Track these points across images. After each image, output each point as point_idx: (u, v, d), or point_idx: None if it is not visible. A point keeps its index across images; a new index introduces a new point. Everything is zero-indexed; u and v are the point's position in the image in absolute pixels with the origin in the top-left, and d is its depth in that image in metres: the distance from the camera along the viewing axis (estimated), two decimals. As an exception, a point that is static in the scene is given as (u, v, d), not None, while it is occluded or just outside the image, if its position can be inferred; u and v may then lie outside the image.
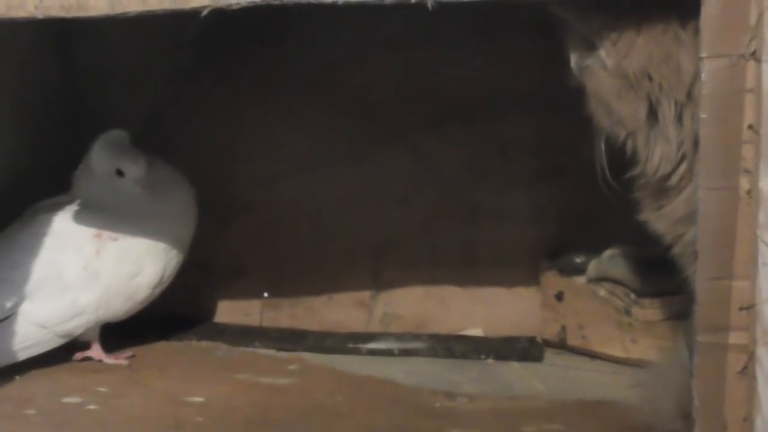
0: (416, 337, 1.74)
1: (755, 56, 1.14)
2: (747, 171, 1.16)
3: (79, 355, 1.65)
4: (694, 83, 1.22)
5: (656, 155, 1.27)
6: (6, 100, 1.72)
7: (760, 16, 1.13)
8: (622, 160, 1.33)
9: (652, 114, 1.26)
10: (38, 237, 1.61)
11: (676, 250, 1.29)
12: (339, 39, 1.78)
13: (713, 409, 1.20)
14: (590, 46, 1.27)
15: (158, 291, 1.66)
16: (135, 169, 1.62)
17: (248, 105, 1.81)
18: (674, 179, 1.27)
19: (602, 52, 1.26)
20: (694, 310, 1.21)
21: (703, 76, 1.15)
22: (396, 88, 1.78)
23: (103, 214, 1.63)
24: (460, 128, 1.77)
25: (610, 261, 1.65)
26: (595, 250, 1.67)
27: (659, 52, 1.23)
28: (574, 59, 1.31)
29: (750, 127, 1.15)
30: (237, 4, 1.19)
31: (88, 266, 1.61)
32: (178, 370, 1.64)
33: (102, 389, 1.56)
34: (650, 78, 1.24)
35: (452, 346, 1.71)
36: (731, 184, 1.16)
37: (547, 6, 1.26)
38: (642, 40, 1.24)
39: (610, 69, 1.26)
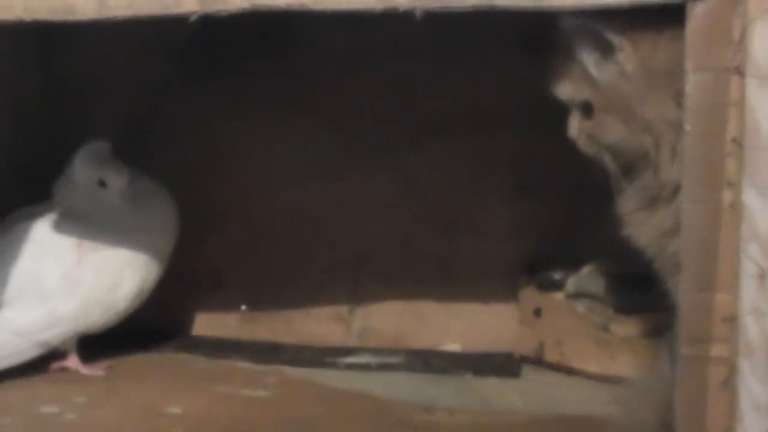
0: (394, 351, 1.74)
1: (739, 70, 1.15)
2: (730, 184, 1.17)
3: (56, 366, 1.64)
4: None
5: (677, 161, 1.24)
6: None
7: (744, 30, 1.14)
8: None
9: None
10: (18, 245, 1.59)
11: (658, 263, 1.30)
12: (320, 54, 1.78)
13: (695, 421, 1.20)
14: (606, 54, 1.25)
15: (137, 303, 1.65)
16: (118, 180, 1.61)
17: (228, 118, 1.80)
18: (668, 190, 1.26)
19: (622, 56, 1.24)
20: (677, 322, 1.22)
21: (688, 89, 1.16)
22: (376, 103, 1.78)
23: (85, 224, 1.62)
24: (440, 143, 1.76)
25: (589, 277, 1.66)
26: (574, 266, 1.67)
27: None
28: (591, 66, 1.27)
29: (733, 140, 1.16)
30: (226, 10, 1.18)
31: (68, 275, 1.60)
32: (156, 382, 1.63)
33: (79, 399, 1.55)
34: (674, 77, 1.21)
35: (430, 361, 1.71)
36: (714, 196, 1.17)
37: (560, 18, 1.25)
38: (664, 39, 1.22)
39: (630, 73, 1.24)
